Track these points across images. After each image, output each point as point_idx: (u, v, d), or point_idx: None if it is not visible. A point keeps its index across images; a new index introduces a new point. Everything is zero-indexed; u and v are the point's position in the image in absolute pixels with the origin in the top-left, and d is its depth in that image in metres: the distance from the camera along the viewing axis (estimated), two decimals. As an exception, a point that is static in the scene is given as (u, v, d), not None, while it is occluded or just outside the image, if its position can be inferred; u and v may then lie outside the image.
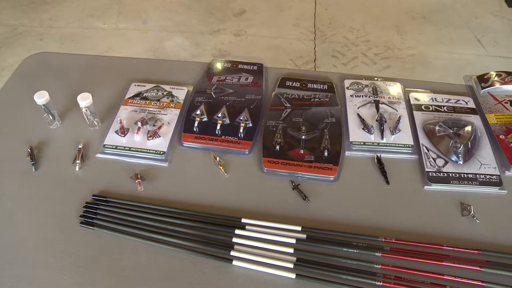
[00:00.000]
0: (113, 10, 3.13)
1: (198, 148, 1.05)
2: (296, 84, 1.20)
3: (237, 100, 1.15)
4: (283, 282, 0.82)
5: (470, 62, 2.71)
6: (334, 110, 1.13)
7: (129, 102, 1.14)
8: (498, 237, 0.90)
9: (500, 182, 0.98)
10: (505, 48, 2.84)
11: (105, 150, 1.04)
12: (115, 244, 0.88)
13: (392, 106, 1.13)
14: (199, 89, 1.18)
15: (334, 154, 1.02)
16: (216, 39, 2.88)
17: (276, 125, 1.08)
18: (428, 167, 1.00)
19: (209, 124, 1.09)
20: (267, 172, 1.00)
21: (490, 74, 1.22)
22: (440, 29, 2.99)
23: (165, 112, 1.12)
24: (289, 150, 1.03)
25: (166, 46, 2.83)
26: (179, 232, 0.89)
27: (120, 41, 2.88)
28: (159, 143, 1.05)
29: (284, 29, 2.97)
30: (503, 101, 1.16)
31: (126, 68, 1.29)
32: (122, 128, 1.06)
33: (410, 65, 2.71)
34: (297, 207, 0.94)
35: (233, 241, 0.87)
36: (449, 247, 0.86)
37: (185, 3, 3.19)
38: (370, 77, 1.23)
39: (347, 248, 0.86)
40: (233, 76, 1.22)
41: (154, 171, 1.01)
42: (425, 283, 0.81)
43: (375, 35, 2.94)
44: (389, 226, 0.91)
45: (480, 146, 1.05)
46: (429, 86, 1.22)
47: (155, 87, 1.18)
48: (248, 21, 3.03)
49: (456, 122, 1.09)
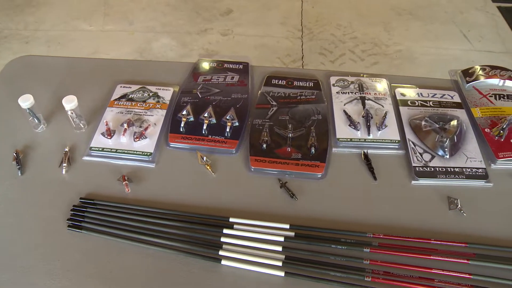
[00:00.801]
0: (99, 12, 3.11)
1: (185, 149, 1.05)
2: (282, 82, 1.20)
3: (223, 100, 1.14)
4: (272, 280, 0.82)
5: (457, 57, 2.73)
6: (320, 107, 1.13)
7: (115, 104, 1.14)
8: (485, 229, 0.90)
9: (486, 175, 0.99)
10: (490, 42, 2.86)
11: (92, 152, 1.04)
12: (103, 246, 0.87)
13: (378, 102, 1.14)
14: (185, 89, 1.18)
15: (321, 151, 1.02)
16: (203, 39, 2.87)
17: (263, 124, 1.08)
18: (415, 162, 1.01)
19: (196, 124, 1.08)
20: (254, 170, 1.00)
21: (474, 68, 1.23)
22: (426, 25, 3.01)
23: (151, 113, 1.11)
24: (276, 148, 1.03)
25: (153, 47, 2.81)
26: (167, 233, 0.89)
27: (107, 43, 2.86)
28: (145, 144, 1.05)
29: (271, 27, 2.97)
30: (487, 95, 1.16)
31: (112, 69, 1.28)
32: (108, 130, 1.06)
33: (397, 61, 2.72)
34: (285, 205, 0.94)
35: (221, 241, 0.87)
36: (437, 241, 0.86)
37: (172, 4, 3.18)
38: (356, 73, 1.23)
39: (336, 245, 0.86)
40: (218, 76, 1.22)
41: (141, 173, 1.01)
42: (414, 277, 0.81)
43: (362, 32, 2.94)
44: (377, 222, 0.91)
45: (466, 140, 1.06)
46: (415, 82, 1.22)
47: (141, 88, 1.18)
48: (235, 20, 3.03)
49: (442, 117, 1.10)
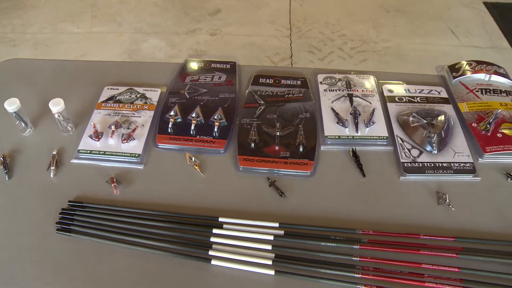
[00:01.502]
0: (87, 14, 3.10)
1: (173, 149, 1.05)
2: (270, 81, 1.20)
3: (211, 99, 1.14)
4: (263, 279, 0.82)
5: (445, 53, 2.75)
6: (308, 105, 1.13)
7: (103, 106, 1.13)
8: (473, 223, 0.91)
9: (474, 170, 0.99)
10: (478, 38, 2.88)
11: (80, 155, 1.03)
12: (93, 249, 0.87)
13: (365, 99, 1.14)
14: (173, 90, 1.17)
15: (310, 149, 1.02)
16: (192, 39, 2.87)
17: (251, 123, 1.08)
18: (403, 158, 1.01)
19: (184, 125, 1.08)
20: (243, 170, 1.00)
21: (461, 63, 1.24)
22: (414, 21, 3.02)
23: (139, 115, 1.11)
24: (264, 147, 1.03)
25: (142, 48, 2.81)
26: (157, 234, 0.89)
27: (96, 45, 2.85)
28: (133, 145, 1.04)
29: (259, 26, 2.97)
30: (474, 90, 1.17)
31: (99, 71, 1.28)
32: (96, 132, 1.05)
33: (386, 58, 2.73)
34: (274, 204, 0.94)
35: (211, 241, 0.87)
36: (426, 236, 0.87)
37: (160, 4, 3.17)
38: (343, 71, 1.23)
39: (325, 242, 0.86)
40: (206, 76, 1.21)
41: (130, 174, 1.00)
42: (403, 272, 0.81)
43: (351, 29, 2.95)
44: (367, 218, 0.92)
45: (454, 135, 1.06)
46: (402, 78, 1.23)
47: (128, 90, 1.17)
48: (224, 20, 3.03)
49: (429, 112, 1.10)
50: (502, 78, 1.20)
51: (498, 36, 2.89)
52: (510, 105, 1.12)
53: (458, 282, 0.80)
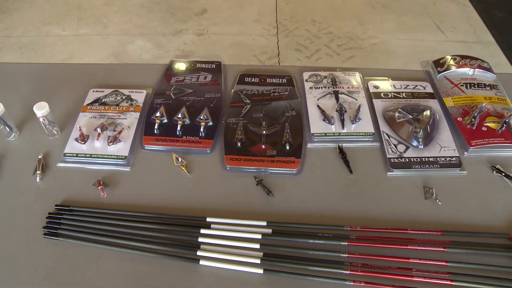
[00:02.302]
0: (73, 16, 3.08)
1: (160, 150, 1.05)
2: (255, 79, 1.20)
3: (197, 100, 1.14)
4: (251, 278, 0.82)
5: (431, 48, 2.76)
6: (294, 103, 1.13)
7: (88, 109, 1.13)
8: (460, 217, 0.92)
9: (460, 164, 1.00)
10: (463, 32, 2.89)
11: (66, 158, 1.03)
12: (81, 253, 0.87)
13: (351, 96, 1.14)
14: (158, 91, 1.17)
15: (296, 147, 1.03)
16: (179, 39, 2.86)
17: (237, 122, 1.08)
18: (389, 154, 1.02)
19: (170, 126, 1.08)
20: (230, 169, 1.00)
21: (445, 58, 1.25)
22: (400, 17, 3.03)
23: (124, 117, 1.11)
24: (251, 146, 1.03)
25: (129, 50, 2.79)
26: (145, 236, 0.89)
27: (82, 47, 2.83)
28: (120, 148, 1.04)
29: (246, 25, 2.96)
30: (459, 84, 1.18)
31: (84, 74, 1.27)
32: (82, 135, 1.05)
33: (373, 54, 2.74)
34: (261, 203, 0.94)
35: (199, 241, 0.87)
36: (414, 230, 0.87)
37: (145, 5, 3.16)
38: (328, 68, 1.23)
39: (313, 240, 0.86)
40: (191, 76, 1.21)
41: (117, 177, 1.00)
42: (392, 268, 0.82)
43: (337, 27, 2.96)
44: (354, 215, 0.92)
45: (439, 129, 1.07)
46: (388, 74, 1.23)
47: (114, 92, 1.17)
48: (210, 19, 3.02)
49: (414, 108, 1.11)
50: (486, 72, 1.20)
51: (482, 30, 2.91)
52: (494, 98, 1.13)
53: (446, 275, 0.81)
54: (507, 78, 1.22)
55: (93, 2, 3.20)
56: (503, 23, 2.96)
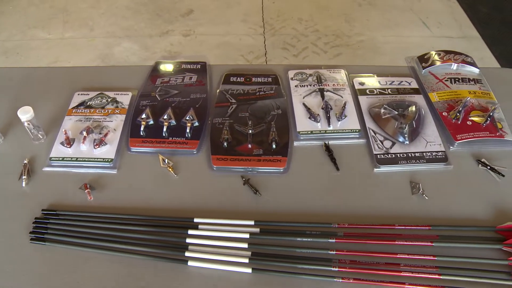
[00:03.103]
0: (58, 20, 3.06)
1: (146, 152, 1.04)
2: (240, 79, 1.20)
3: (182, 101, 1.14)
4: (240, 277, 0.82)
5: (417, 44, 2.77)
6: (279, 101, 1.13)
7: (73, 112, 1.12)
8: (447, 211, 0.92)
9: (446, 158, 1.00)
10: (449, 28, 2.91)
11: (52, 163, 1.02)
12: (69, 257, 0.86)
13: (337, 93, 1.15)
14: (144, 93, 1.17)
15: (283, 146, 1.03)
16: (165, 41, 2.85)
17: (223, 122, 1.08)
18: (376, 150, 1.02)
19: (156, 127, 1.08)
20: (216, 169, 1.00)
21: (430, 54, 1.25)
22: (386, 14, 3.04)
23: (110, 119, 1.10)
24: (237, 145, 1.03)
25: (115, 52, 2.78)
26: (132, 238, 0.88)
27: (68, 50, 2.81)
28: (106, 150, 1.03)
29: (233, 25, 2.96)
30: (443, 79, 1.18)
31: (69, 77, 1.26)
32: (68, 139, 1.04)
33: (360, 51, 2.75)
34: (249, 202, 0.94)
35: (187, 242, 0.86)
36: (401, 226, 0.88)
37: (131, 7, 3.14)
38: (314, 66, 1.24)
39: (301, 238, 0.86)
40: (176, 77, 1.21)
41: (103, 179, 0.99)
42: (380, 263, 0.82)
43: (324, 25, 2.96)
44: (342, 212, 0.92)
45: (425, 124, 1.08)
46: (373, 70, 1.23)
47: (99, 95, 1.16)
48: (196, 20, 3.01)
49: (400, 103, 1.11)
50: (470, 67, 1.21)
51: (467, 25, 2.93)
52: (478, 92, 1.14)
53: (434, 269, 0.81)
54: (491, 72, 1.23)
55: (78, 5, 3.18)
56: (487, 18, 2.99)
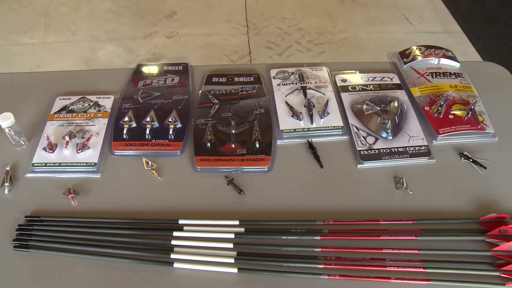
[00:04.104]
0: (40, 24, 3.03)
1: (130, 155, 1.04)
2: (223, 79, 1.20)
3: (165, 102, 1.13)
4: (226, 277, 0.82)
5: (401, 40, 2.79)
6: (262, 101, 1.13)
7: (55, 117, 1.11)
8: (431, 204, 0.93)
9: (429, 152, 1.01)
10: (431, 23, 2.93)
11: (35, 169, 1.01)
12: (54, 263, 0.85)
13: (319, 91, 1.15)
14: (126, 96, 1.16)
15: (266, 145, 1.03)
16: (149, 43, 2.84)
17: (206, 123, 1.08)
18: (359, 146, 1.02)
19: (139, 130, 1.07)
20: (200, 170, 1.00)
21: (411, 49, 1.26)
22: (369, 11, 3.06)
23: (93, 123, 1.09)
24: (221, 146, 1.03)
25: (99, 56, 2.76)
26: (118, 242, 0.88)
27: (51, 55, 2.79)
28: (89, 155, 1.03)
29: (216, 26, 2.95)
30: (425, 74, 1.19)
31: (51, 82, 1.25)
32: (50, 144, 1.03)
33: (344, 48, 2.76)
34: (233, 202, 0.94)
35: (172, 244, 0.86)
36: (386, 221, 0.88)
37: (114, 10, 3.13)
38: (296, 64, 1.24)
39: (286, 236, 0.86)
40: (158, 79, 1.20)
41: (87, 184, 0.99)
42: (366, 259, 0.83)
43: (307, 23, 2.97)
44: (327, 209, 0.92)
45: (407, 119, 1.08)
46: (355, 67, 1.24)
47: (81, 99, 1.15)
48: (180, 21, 3.00)
49: (382, 99, 1.12)
50: (450, 61, 1.22)
51: (449, 20, 2.95)
52: (459, 86, 1.15)
53: (419, 263, 0.82)
54: (472, 66, 1.24)
55: (60, 9, 3.16)
56: (469, 13, 3.01)
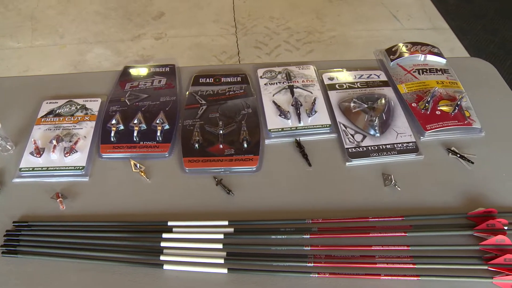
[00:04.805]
0: (27, 28, 3.01)
1: (118, 158, 1.03)
2: (210, 80, 1.20)
3: (152, 104, 1.13)
4: (216, 278, 0.82)
5: (389, 37, 2.80)
6: (249, 100, 1.13)
7: (42, 121, 1.11)
8: (420, 200, 0.93)
9: (417, 149, 1.01)
10: (419, 20, 2.95)
11: (22, 174, 1.00)
12: (43, 268, 0.85)
13: (306, 89, 1.15)
14: (113, 98, 1.15)
15: (254, 144, 1.03)
16: (137, 45, 2.83)
17: (193, 124, 1.07)
18: (347, 144, 1.03)
19: (126, 132, 1.07)
20: (189, 171, 0.99)
21: (397, 46, 1.26)
22: (356, 9, 3.07)
23: (80, 126, 1.09)
24: (208, 146, 1.03)
25: (87, 59, 2.75)
26: (107, 245, 0.87)
27: (38, 59, 2.78)
28: (77, 158, 1.02)
29: (204, 26, 2.95)
30: (411, 71, 1.20)
31: (37, 86, 1.24)
32: (37, 148, 1.03)
33: (332, 47, 2.77)
34: (222, 202, 0.94)
35: (161, 246, 0.86)
36: (375, 218, 0.88)
37: (102, 12, 3.12)
38: (283, 63, 1.24)
39: (275, 235, 0.86)
40: (146, 81, 1.20)
41: (76, 188, 0.98)
42: (355, 256, 0.83)
43: (295, 22, 2.97)
44: (316, 207, 0.92)
45: (395, 116, 1.08)
46: (342, 65, 1.24)
47: (68, 102, 1.15)
48: (168, 23, 3.00)
49: (369, 96, 1.12)
50: (437, 57, 1.23)
51: (437, 17, 2.97)
52: (446, 82, 1.15)
53: (408, 259, 0.82)
54: (458, 62, 1.25)
55: (46, 12, 3.14)
56: (456, 10, 3.03)
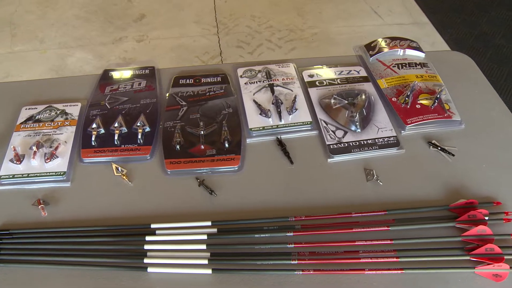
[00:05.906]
0: (5, 33, 2.98)
1: (100, 162, 1.02)
2: (190, 81, 1.19)
3: (133, 107, 1.12)
4: (201, 279, 0.82)
5: (370, 33, 2.82)
6: (230, 100, 1.13)
7: (22, 128, 1.09)
8: (402, 194, 0.94)
9: (398, 143, 1.02)
10: (399, 15, 2.97)
11: (2, 181, 0.99)
12: (26, 276, 0.84)
13: (286, 87, 1.15)
14: (93, 102, 1.15)
15: (235, 144, 1.03)
16: (119, 48, 2.82)
17: (174, 125, 1.07)
18: (328, 140, 1.03)
19: (107, 136, 1.06)
20: (171, 173, 0.99)
21: (377, 41, 1.27)
22: (338, 5, 3.08)
23: (60, 132, 1.08)
24: (190, 147, 1.02)
25: (69, 63, 2.73)
26: (90, 250, 0.87)
27: (18, 64, 2.75)
28: (58, 164, 1.01)
29: (186, 27, 2.95)
30: (391, 65, 1.20)
31: (16, 92, 1.23)
32: (17, 155, 1.02)
33: (314, 44, 2.78)
34: (205, 203, 0.94)
35: (145, 249, 0.85)
36: (358, 213, 0.89)
37: (82, 16, 3.09)
38: (262, 62, 1.24)
39: (259, 234, 0.86)
40: (125, 84, 1.19)
41: (57, 193, 0.97)
42: (339, 252, 0.83)
43: (277, 20, 2.98)
44: (299, 205, 0.93)
45: (375, 111, 1.09)
46: (322, 62, 1.24)
47: (47, 108, 1.14)
48: (149, 25, 2.99)
49: (349, 92, 1.12)
50: (415, 52, 1.23)
51: (417, 12, 2.99)
52: (425, 76, 1.16)
53: (392, 253, 0.82)
54: (437, 56, 1.26)
55: (25, 17, 3.11)
56: (435, 4, 3.06)
